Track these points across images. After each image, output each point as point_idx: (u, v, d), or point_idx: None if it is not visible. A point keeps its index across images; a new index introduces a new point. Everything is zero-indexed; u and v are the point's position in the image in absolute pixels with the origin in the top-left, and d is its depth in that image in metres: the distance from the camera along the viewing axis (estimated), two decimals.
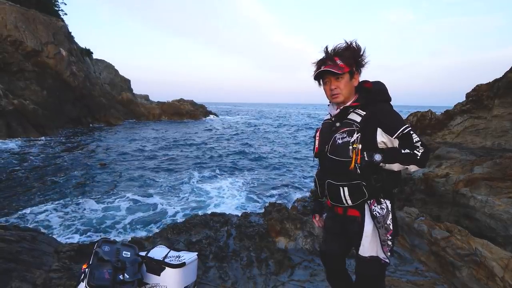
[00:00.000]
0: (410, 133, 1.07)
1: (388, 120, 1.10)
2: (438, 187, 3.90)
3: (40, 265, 1.84)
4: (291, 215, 2.91)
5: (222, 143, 19.03)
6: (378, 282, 1.25)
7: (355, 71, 1.19)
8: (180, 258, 1.63)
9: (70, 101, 23.35)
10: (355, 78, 1.19)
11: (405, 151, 1.06)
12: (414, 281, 2.22)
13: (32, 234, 2.24)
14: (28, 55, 20.46)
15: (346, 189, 1.13)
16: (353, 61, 1.16)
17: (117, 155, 13.67)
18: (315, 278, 2.23)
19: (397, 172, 1.13)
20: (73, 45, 25.57)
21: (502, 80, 5.10)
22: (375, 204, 1.13)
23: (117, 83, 33.90)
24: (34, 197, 7.57)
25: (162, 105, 34.83)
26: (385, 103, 1.16)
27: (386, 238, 1.12)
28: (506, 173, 3.26)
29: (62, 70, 22.56)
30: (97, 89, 27.75)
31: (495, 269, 2.00)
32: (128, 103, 31.28)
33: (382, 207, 1.12)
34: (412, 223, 2.74)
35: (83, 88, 24.39)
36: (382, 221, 1.11)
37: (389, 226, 1.11)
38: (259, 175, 11.07)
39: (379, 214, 1.12)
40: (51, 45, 21.90)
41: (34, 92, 20.01)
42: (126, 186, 8.96)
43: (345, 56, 1.15)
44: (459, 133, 5.60)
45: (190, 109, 35.69)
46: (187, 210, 7.17)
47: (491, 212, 3.02)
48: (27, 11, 20.92)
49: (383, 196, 1.13)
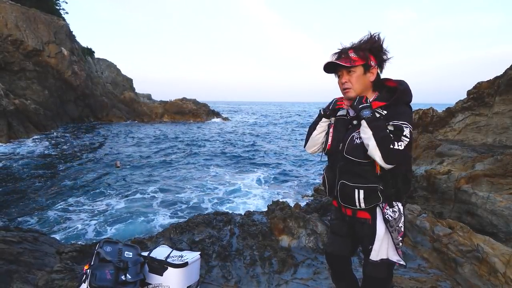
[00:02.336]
0: (405, 127, 0.99)
1: (399, 119, 1.03)
2: (440, 184, 3.89)
3: (42, 266, 1.85)
4: (294, 213, 2.91)
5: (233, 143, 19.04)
6: (386, 284, 1.23)
7: (372, 65, 1.10)
8: (182, 257, 1.64)
9: (72, 100, 23.43)
10: (371, 72, 1.10)
11: (388, 133, 0.99)
12: (417, 278, 2.22)
13: (33, 235, 2.25)
14: (29, 55, 20.47)
15: (362, 192, 1.07)
16: (368, 54, 1.08)
17: (126, 154, 13.74)
18: (319, 276, 2.23)
19: (408, 176, 1.11)
20: (75, 44, 25.54)
21: (503, 78, 5.07)
22: (387, 207, 1.09)
23: (119, 82, 33.88)
24: (38, 198, 7.61)
25: (165, 104, 34.84)
26: (407, 106, 1.09)
27: (399, 240, 1.10)
28: (507, 169, 3.24)
29: (64, 70, 22.58)
30: (99, 88, 27.78)
31: (497, 265, 2.00)
32: (131, 102, 31.31)
33: (394, 210, 1.08)
34: (414, 220, 2.74)
35: (85, 87, 24.42)
36: (395, 225, 1.08)
37: (401, 228, 1.09)
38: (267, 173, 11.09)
39: (391, 218, 1.08)
40: (52, 45, 21.89)
41: (36, 91, 20.06)
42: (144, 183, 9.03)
43: (361, 48, 1.08)
44: (460, 130, 5.57)
45: (193, 108, 35.67)
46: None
47: (492, 208, 3.02)
48: (28, 10, 20.88)
49: (395, 199, 1.09)
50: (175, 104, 34.61)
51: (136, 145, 16.50)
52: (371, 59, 1.10)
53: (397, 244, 1.10)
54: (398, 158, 0.98)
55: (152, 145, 16.78)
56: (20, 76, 19.72)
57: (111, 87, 31.68)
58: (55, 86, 21.78)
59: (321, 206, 5.46)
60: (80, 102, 24.26)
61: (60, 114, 21.56)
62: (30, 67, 20.30)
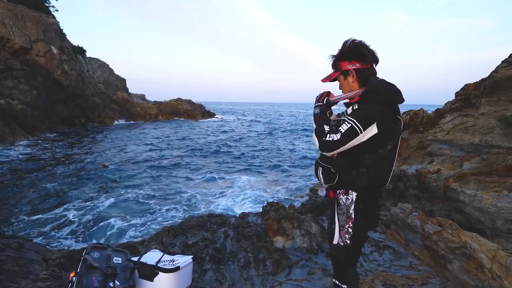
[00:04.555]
0: (345, 123, 1.12)
1: (351, 115, 1.15)
2: (430, 183, 3.97)
3: (27, 274, 1.77)
4: (288, 214, 2.91)
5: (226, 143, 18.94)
6: (344, 267, 1.37)
7: (349, 69, 1.23)
8: (174, 262, 1.60)
9: (62, 101, 22.79)
10: (350, 75, 1.25)
11: (329, 126, 1.17)
12: (408, 275, 2.25)
13: (18, 242, 2.15)
14: (16, 53, 19.82)
15: (321, 169, 1.26)
16: (340, 62, 1.25)
17: (116, 154, 13.47)
18: (313, 276, 2.24)
19: (370, 172, 1.18)
20: (65, 43, 24.85)
21: (488, 80, 5.24)
22: (344, 194, 1.25)
23: (112, 82, 33.19)
24: (24, 203, 7.37)
25: (159, 104, 34.39)
26: (379, 104, 1.15)
27: (347, 225, 1.25)
28: (492, 168, 3.34)
29: (53, 69, 21.97)
30: (91, 88, 27.17)
31: (484, 260, 2.05)
32: (124, 102, 30.75)
33: (347, 198, 1.24)
34: (406, 218, 2.78)
35: (75, 87, 23.83)
36: (345, 210, 1.24)
37: (351, 215, 1.23)
38: (260, 175, 11.07)
39: (343, 203, 1.25)
40: (41, 43, 21.25)
41: (23, 91, 19.44)
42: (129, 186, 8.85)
43: (334, 61, 1.28)
44: (449, 130, 5.72)
45: (188, 109, 35.34)
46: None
47: (479, 206, 3.11)
48: (15, 7, 20.20)
49: (353, 189, 1.22)
50: (170, 105, 34.22)
51: (127, 146, 16.24)
52: (346, 64, 1.24)
53: (341, 226, 1.27)
54: (330, 148, 1.14)
55: (144, 146, 16.56)
56: (6, 75, 19.05)
57: (103, 87, 31.04)
58: (44, 85, 21.16)
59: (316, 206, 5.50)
60: (71, 103, 23.64)
61: (49, 115, 20.94)
62: (17, 66, 19.65)
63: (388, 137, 1.18)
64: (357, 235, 1.26)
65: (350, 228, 1.24)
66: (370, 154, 1.17)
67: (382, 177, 1.22)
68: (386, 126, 1.16)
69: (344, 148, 1.13)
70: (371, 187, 1.22)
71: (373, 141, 1.15)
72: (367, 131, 1.12)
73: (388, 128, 1.17)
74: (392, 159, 1.23)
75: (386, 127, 1.16)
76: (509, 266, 1.90)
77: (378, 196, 1.31)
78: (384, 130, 1.15)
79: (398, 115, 1.19)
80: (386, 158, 1.21)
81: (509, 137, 4.61)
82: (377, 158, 1.18)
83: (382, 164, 1.20)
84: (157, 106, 33.55)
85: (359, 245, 1.34)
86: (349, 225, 1.24)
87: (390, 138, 1.19)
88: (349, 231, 1.24)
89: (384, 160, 1.20)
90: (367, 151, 1.17)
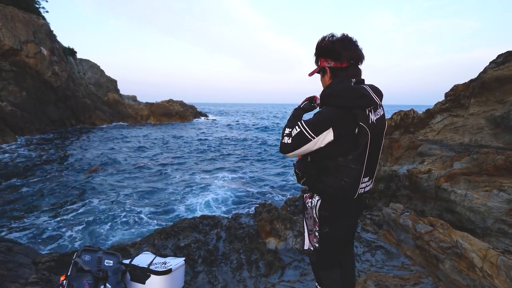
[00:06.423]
0: (295, 127, 1.12)
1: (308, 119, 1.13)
2: (421, 183, 4.03)
3: (16, 278, 1.73)
4: (281, 215, 2.91)
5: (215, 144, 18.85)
6: (317, 270, 1.34)
7: (326, 66, 1.17)
8: (166, 264, 1.59)
9: (52, 102, 22.35)
10: (327, 74, 1.19)
11: (290, 129, 1.15)
12: (400, 275, 2.27)
13: (7, 245, 2.10)
14: (5, 54, 19.39)
15: (294, 167, 1.26)
16: (320, 58, 1.19)
17: (106, 158, 13.24)
18: (305, 277, 2.24)
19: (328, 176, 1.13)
20: (55, 44, 24.45)
21: (477, 81, 5.37)
22: (309, 198, 1.25)
23: (103, 83, 32.72)
24: (13, 206, 7.16)
25: (151, 105, 34.02)
26: (333, 107, 1.08)
27: (314, 228, 1.24)
28: (482, 168, 3.41)
29: (44, 70, 21.56)
30: (81, 89, 26.71)
31: (475, 260, 2.08)
32: (115, 104, 30.32)
33: (312, 202, 1.23)
34: (398, 218, 2.81)
35: (66, 88, 23.40)
36: (311, 212, 1.23)
37: (316, 217, 1.21)
38: (252, 173, 11.07)
39: (309, 207, 1.24)
40: (31, 44, 20.86)
41: (12, 92, 19.00)
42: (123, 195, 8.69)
43: (315, 58, 1.22)
44: (439, 130, 5.82)
45: (180, 110, 35.10)
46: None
47: (470, 205, 3.16)
48: (4, 8, 19.82)
49: (318, 193, 1.21)
50: (162, 106, 33.90)
51: (117, 148, 15.98)
52: (323, 61, 1.19)
53: (310, 230, 1.26)
54: (284, 150, 1.14)
55: (134, 148, 16.32)
56: None
57: (94, 88, 30.57)
58: (34, 87, 20.72)
59: None
60: (61, 104, 23.19)
61: (40, 117, 20.49)
62: (7, 67, 19.22)
63: (349, 145, 1.07)
64: (325, 240, 1.22)
65: (317, 232, 1.23)
66: (329, 161, 1.12)
67: (341, 187, 1.11)
68: (345, 133, 1.05)
69: (299, 151, 1.10)
70: (334, 195, 1.15)
71: (331, 147, 1.07)
72: (321, 136, 1.04)
73: (350, 135, 1.06)
74: (358, 169, 1.09)
75: (346, 134, 1.05)
76: (500, 265, 1.92)
77: (346, 206, 1.18)
78: (343, 138, 1.05)
79: (363, 121, 1.04)
80: (347, 167, 1.09)
81: (498, 137, 4.72)
82: (337, 166, 1.10)
83: (343, 173, 1.10)
84: (148, 107, 33.21)
85: (330, 248, 1.25)
86: (315, 229, 1.23)
87: (353, 146, 1.07)
88: (316, 234, 1.23)
89: (346, 169, 1.09)
90: (326, 157, 1.12)
